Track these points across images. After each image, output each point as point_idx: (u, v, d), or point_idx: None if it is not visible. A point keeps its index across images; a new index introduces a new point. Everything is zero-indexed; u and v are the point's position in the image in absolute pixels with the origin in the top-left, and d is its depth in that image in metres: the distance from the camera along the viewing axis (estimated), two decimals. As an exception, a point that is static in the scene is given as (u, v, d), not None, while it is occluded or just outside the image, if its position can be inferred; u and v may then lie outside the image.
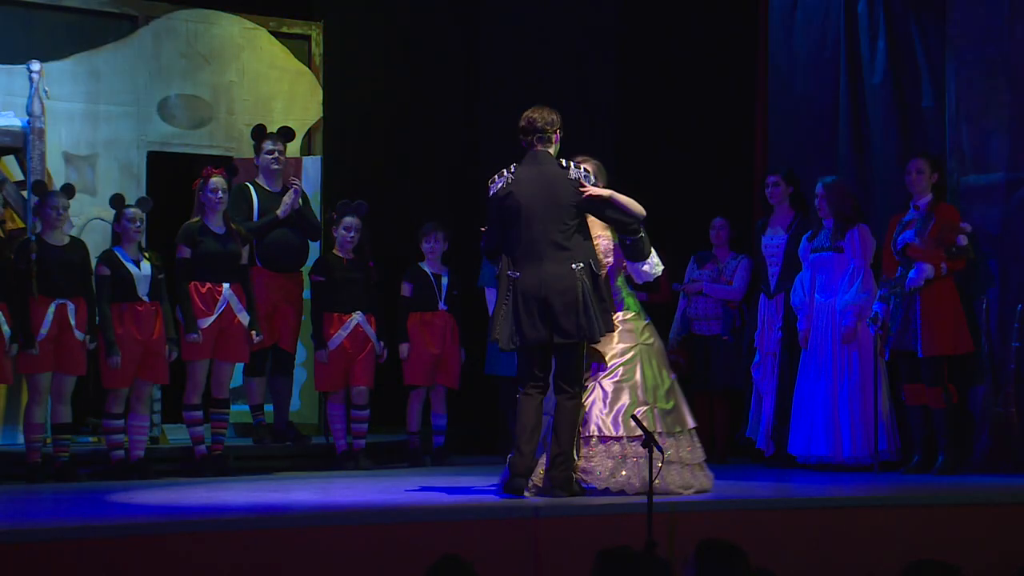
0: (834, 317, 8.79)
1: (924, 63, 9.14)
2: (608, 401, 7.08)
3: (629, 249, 7.08)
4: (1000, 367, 8.63)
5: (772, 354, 9.11)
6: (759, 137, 9.87)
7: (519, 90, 10.64)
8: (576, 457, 6.96)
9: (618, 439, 7.01)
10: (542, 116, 7.03)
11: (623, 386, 7.11)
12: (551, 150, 7.06)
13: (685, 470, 7.16)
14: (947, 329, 8.36)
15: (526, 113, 7.06)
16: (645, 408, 7.07)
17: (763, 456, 9.13)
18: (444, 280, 9.33)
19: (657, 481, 6.45)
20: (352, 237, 9.03)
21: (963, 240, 8.39)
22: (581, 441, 7.02)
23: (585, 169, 7.06)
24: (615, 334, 7.16)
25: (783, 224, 9.23)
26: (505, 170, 7.06)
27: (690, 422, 7.27)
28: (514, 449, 6.96)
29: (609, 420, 7.03)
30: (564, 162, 7.03)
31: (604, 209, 6.97)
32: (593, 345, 7.06)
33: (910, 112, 9.17)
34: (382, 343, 9.07)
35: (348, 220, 9.02)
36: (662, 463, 6.62)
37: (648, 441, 6.22)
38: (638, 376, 7.14)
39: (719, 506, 6.94)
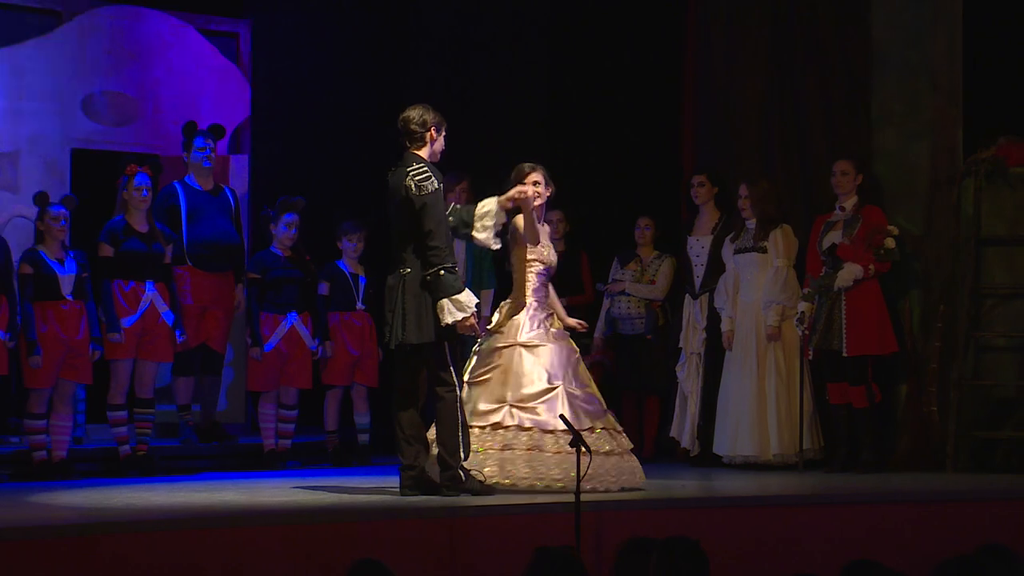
0: (757, 317, 8.84)
1: (849, 66, 9.21)
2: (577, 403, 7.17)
3: (423, 283, 6.92)
4: (922, 367, 8.73)
5: (697, 354, 9.14)
6: (686, 137, 9.90)
7: (449, 90, 10.62)
8: (464, 454, 6.96)
9: (553, 434, 7.07)
10: (415, 115, 7.02)
11: (485, 385, 7.18)
12: (423, 152, 7.05)
13: (624, 460, 7.24)
14: (872, 329, 8.43)
15: (403, 112, 7.05)
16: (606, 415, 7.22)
17: (688, 456, 9.15)
18: (362, 279, 9.29)
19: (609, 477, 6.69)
20: (293, 234, 8.98)
21: (891, 242, 8.47)
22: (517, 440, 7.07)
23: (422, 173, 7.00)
24: (561, 340, 7.23)
25: (708, 225, 9.25)
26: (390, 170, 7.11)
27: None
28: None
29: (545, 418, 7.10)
30: (413, 168, 6.97)
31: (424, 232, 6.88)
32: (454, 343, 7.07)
33: (836, 113, 9.23)
34: (317, 343, 9.02)
35: (288, 217, 8.98)
36: (590, 462, 6.64)
37: (575, 440, 6.24)
38: (502, 373, 7.21)
39: (646, 505, 6.96)
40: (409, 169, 6.97)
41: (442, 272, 6.85)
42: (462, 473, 6.94)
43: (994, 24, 9.00)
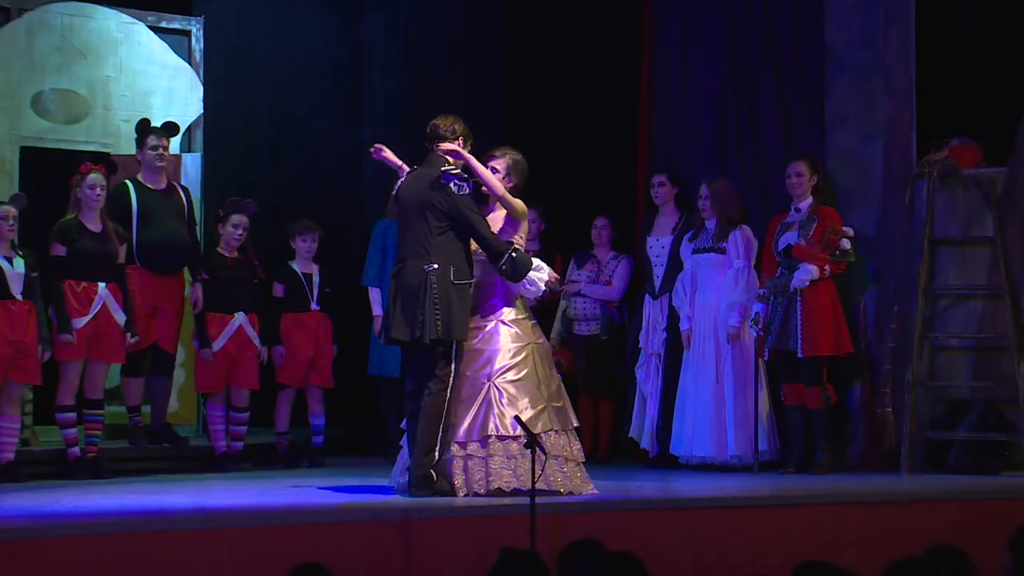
0: (716, 317, 8.85)
1: (804, 67, 9.24)
2: (505, 401, 7.09)
3: (503, 275, 7.19)
4: (876, 368, 8.77)
5: (657, 355, 9.14)
6: (643, 136, 9.90)
7: (403, 87, 10.59)
8: (439, 455, 6.99)
9: (516, 438, 7.02)
10: (445, 123, 7.25)
11: (520, 385, 7.13)
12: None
13: (577, 468, 7.21)
14: (827, 330, 8.46)
15: (433, 120, 7.29)
16: (541, 406, 7.11)
17: (647, 456, 9.15)
18: (316, 279, 9.24)
19: (555, 480, 6.67)
20: (240, 235, 8.94)
21: (846, 244, 8.49)
22: (482, 443, 7.06)
23: (462, 172, 7.12)
24: (510, 333, 7.19)
25: (668, 225, 9.26)
26: (409, 170, 7.30)
27: (574, 420, 7.33)
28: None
29: (508, 420, 7.03)
30: (449, 167, 7.17)
31: (471, 229, 7.11)
32: (464, 342, 7.12)
33: (792, 114, 9.26)
34: (261, 344, 8.98)
35: (236, 218, 8.94)
36: (544, 463, 6.63)
37: (531, 443, 6.23)
38: (532, 374, 7.17)
39: (603, 507, 6.96)
40: (445, 168, 7.16)
41: (514, 255, 7.11)
42: (434, 473, 6.98)
43: (947, 26, 9.05)
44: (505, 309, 7.25)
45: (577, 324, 9.51)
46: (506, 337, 7.19)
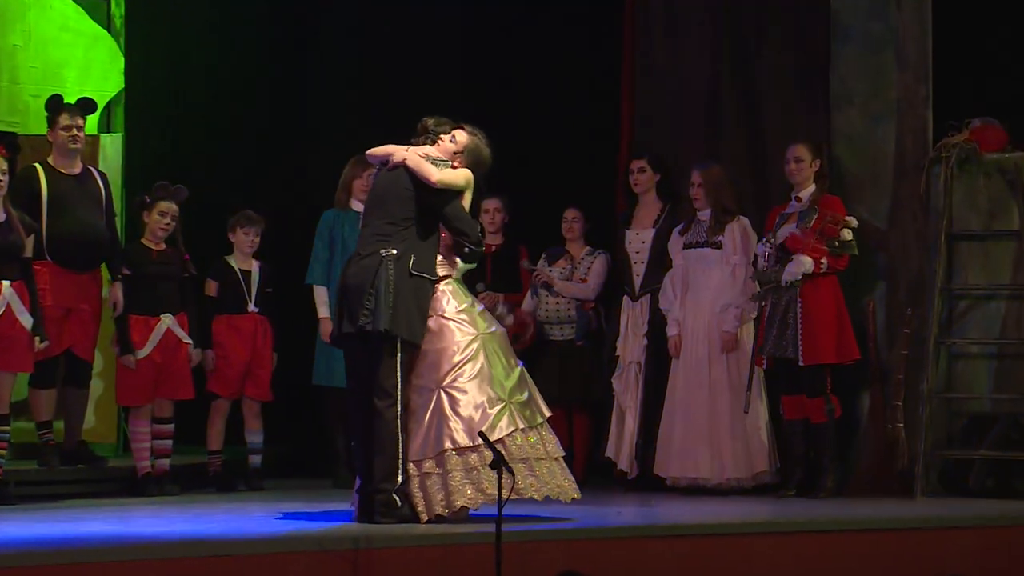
0: (709, 321, 8.81)
1: (806, 38, 9.23)
2: (459, 408, 7.07)
3: (463, 255, 7.38)
4: (886, 377, 8.76)
5: (636, 363, 9.12)
6: (624, 118, 9.88)
7: (352, 65, 10.55)
8: (401, 475, 7.00)
9: (475, 448, 7.01)
10: (436, 120, 7.51)
11: (473, 385, 7.12)
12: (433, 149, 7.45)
13: (555, 465, 7.19)
14: (830, 335, 8.46)
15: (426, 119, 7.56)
16: (500, 406, 7.11)
17: (626, 478, 9.12)
18: (255, 277, 9.17)
19: (526, 487, 6.82)
20: (166, 225, 8.91)
21: (847, 234, 8.48)
22: (438, 459, 7.07)
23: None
24: (455, 328, 7.21)
25: (649, 217, 9.24)
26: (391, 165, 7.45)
27: (546, 411, 7.34)
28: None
29: (462, 429, 7.03)
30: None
31: (440, 209, 7.28)
32: (416, 342, 7.15)
33: (792, 91, 9.25)
34: (196, 347, 8.96)
35: (163, 205, 8.92)
36: (513, 481, 6.61)
37: (497, 463, 6.21)
38: (486, 370, 7.17)
39: (577, 535, 6.94)
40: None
41: (467, 249, 7.34)
42: (397, 498, 7.01)
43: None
44: (446, 302, 7.26)
45: (549, 328, 9.47)
46: (451, 334, 7.22)
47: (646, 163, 9.25)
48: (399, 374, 7.07)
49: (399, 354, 7.08)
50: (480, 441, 6.78)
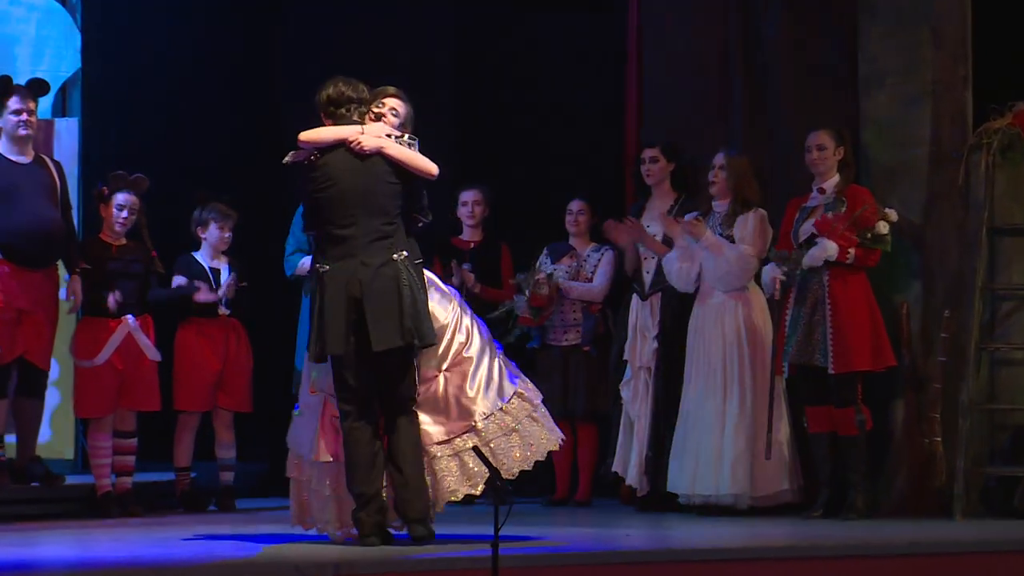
0: (724, 323, 8.83)
1: (830, 13, 9.26)
2: (472, 380, 7.21)
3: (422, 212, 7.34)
4: (923, 386, 8.77)
5: (646, 369, 9.14)
6: (631, 106, 9.91)
7: (327, 47, 10.57)
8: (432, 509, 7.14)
9: (503, 411, 7.16)
10: (372, 91, 7.32)
11: (474, 353, 7.25)
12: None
13: (530, 423, 7.27)
14: (863, 339, 8.47)
15: (335, 83, 7.30)
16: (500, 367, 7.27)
17: (635, 496, 9.14)
18: (224, 275, 9.20)
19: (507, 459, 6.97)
20: (126, 218, 8.96)
21: (883, 227, 8.48)
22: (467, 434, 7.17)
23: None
24: (436, 307, 7.28)
25: (662, 209, 9.24)
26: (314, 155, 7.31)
27: (516, 374, 7.40)
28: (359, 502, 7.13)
29: (483, 397, 7.16)
30: (392, 132, 7.29)
31: (419, 193, 7.28)
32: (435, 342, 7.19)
33: (816, 73, 9.27)
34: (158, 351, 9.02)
35: (123, 197, 8.97)
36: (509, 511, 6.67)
37: (492, 479, 6.25)
38: (476, 337, 7.30)
39: (582, 560, 6.92)
40: (391, 135, 7.22)
41: (420, 224, 7.33)
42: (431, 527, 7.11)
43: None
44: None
45: (552, 332, 9.49)
46: (437, 317, 7.27)
47: (659, 152, 9.28)
48: (416, 378, 7.16)
49: (416, 359, 7.18)
50: (504, 404, 7.06)
